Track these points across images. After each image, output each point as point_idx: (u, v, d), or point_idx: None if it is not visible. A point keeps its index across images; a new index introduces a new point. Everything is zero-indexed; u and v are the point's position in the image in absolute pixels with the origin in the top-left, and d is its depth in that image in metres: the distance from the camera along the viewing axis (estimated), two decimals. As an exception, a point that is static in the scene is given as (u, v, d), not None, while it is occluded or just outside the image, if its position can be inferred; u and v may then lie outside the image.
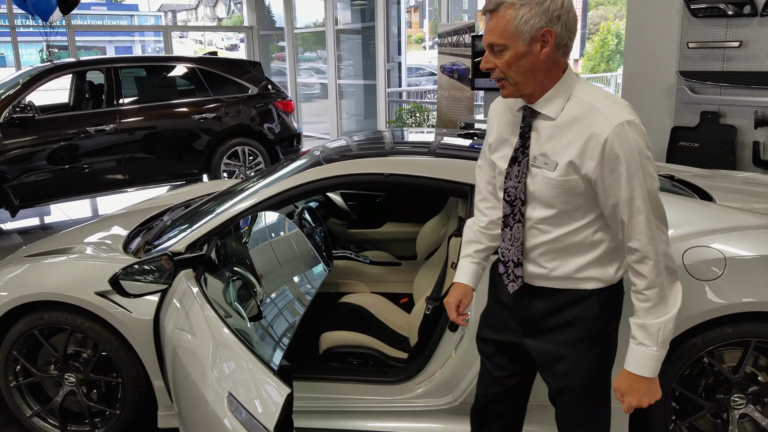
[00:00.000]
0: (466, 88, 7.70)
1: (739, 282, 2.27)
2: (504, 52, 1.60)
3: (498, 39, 1.59)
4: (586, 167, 1.59)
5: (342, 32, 11.85)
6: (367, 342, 2.92)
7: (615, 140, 1.55)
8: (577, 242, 1.71)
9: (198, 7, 34.85)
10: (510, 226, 1.77)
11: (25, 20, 10.70)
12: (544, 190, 1.67)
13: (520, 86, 1.64)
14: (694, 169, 3.81)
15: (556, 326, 1.78)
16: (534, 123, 1.68)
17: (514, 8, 1.56)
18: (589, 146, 1.58)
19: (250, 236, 2.68)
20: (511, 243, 1.78)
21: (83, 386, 2.82)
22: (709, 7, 4.92)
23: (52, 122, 6.48)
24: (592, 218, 1.69)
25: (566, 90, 1.64)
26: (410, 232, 4.12)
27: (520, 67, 1.60)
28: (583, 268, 1.72)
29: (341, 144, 3.33)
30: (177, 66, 7.66)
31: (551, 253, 1.73)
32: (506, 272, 1.81)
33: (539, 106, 1.66)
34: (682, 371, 2.36)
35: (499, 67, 1.62)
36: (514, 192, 1.73)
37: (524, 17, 1.55)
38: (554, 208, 1.68)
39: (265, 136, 7.62)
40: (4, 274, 2.88)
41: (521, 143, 1.70)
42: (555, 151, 1.64)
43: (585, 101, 1.62)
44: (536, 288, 1.79)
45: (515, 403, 2.04)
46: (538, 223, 1.72)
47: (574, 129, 1.61)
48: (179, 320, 2.40)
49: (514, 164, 1.72)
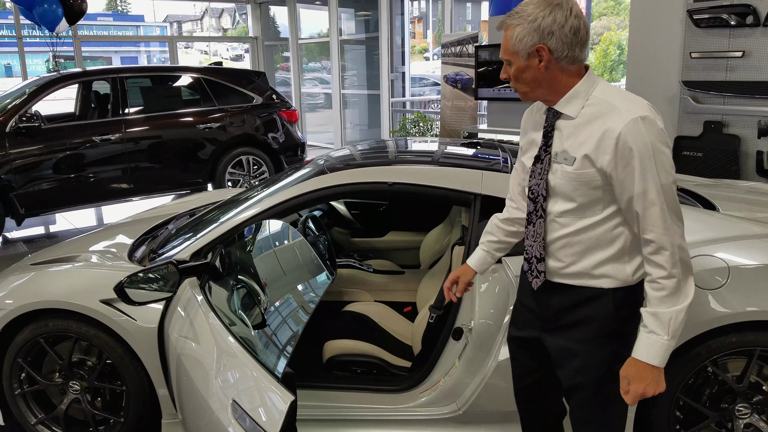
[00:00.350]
0: (469, 97, 7.73)
1: (743, 291, 2.27)
2: (510, 66, 1.77)
3: (503, 55, 1.78)
4: (601, 161, 1.67)
5: (346, 42, 11.92)
6: (370, 351, 2.92)
7: (628, 135, 1.62)
8: (596, 237, 1.77)
9: (203, 18, 35.06)
10: (533, 222, 1.86)
11: (31, 30, 10.79)
12: (564, 185, 1.76)
13: (529, 94, 1.80)
14: (698, 178, 3.81)
15: (570, 323, 1.85)
16: (556, 123, 1.80)
17: (511, 28, 1.73)
18: (603, 141, 1.66)
19: (254, 245, 2.69)
20: (533, 239, 1.87)
21: (87, 394, 2.82)
22: (711, 17, 4.93)
23: (58, 132, 6.53)
24: (611, 212, 1.75)
25: (586, 91, 1.75)
26: (414, 241, 4.13)
27: (524, 78, 1.76)
28: (600, 264, 1.78)
29: (345, 153, 3.35)
30: (182, 76, 7.71)
31: (570, 247, 1.80)
32: (530, 269, 1.90)
33: (560, 107, 1.78)
34: (686, 380, 2.35)
35: (510, 78, 1.79)
36: (536, 189, 1.83)
37: (518, 36, 1.71)
38: (574, 201, 1.76)
39: (270, 146, 7.66)
40: (9, 282, 2.89)
41: (544, 142, 1.82)
42: (574, 147, 1.73)
43: (603, 100, 1.72)
44: (554, 284, 1.86)
45: (545, 400, 2.10)
46: (558, 217, 1.80)
47: (591, 126, 1.70)
48: (183, 328, 2.40)
49: (538, 162, 1.83)
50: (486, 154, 3.16)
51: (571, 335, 1.84)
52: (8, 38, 11.18)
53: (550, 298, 1.88)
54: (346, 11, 12.07)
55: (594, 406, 1.87)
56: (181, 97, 7.54)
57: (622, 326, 1.80)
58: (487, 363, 2.44)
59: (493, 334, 2.43)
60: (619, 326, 1.80)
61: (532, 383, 2.07)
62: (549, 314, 1.90)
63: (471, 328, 2.45)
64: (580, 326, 1.83)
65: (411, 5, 12.48)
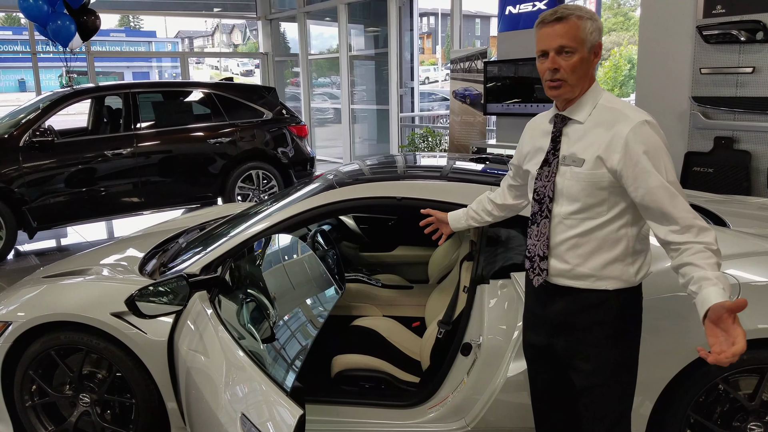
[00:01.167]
0: (478, 113, 7.75)
1: (754, 308, 2.24)
2: (573, 54, 1.81)
3: (571, 42, 1.80)
4: (611, 160, 1.77)
5: (355, 58, 12.00)
6: (379, 366, 2.92)
7: (636, 135, 1.74)
8: (602, 237, 1.84)
9: (214, 33, 35.40)
10: (537, 223, 1.93)
11: (45, 46, 10.93)
12: (572, 186, 1.84)
13: (575, 88, 1.85)
14: (708, 194, 3.79)
15: (578, 326, 1.91)
16: (564, 128, 1.89)
17: (583, 20, 1.80)
18: (613, 141, 1.77)
19: (263, 258, 2.70)
20: (537, 239, 1.93)
21: (97, 407, 2.83)
22: (721, 33, 4.94)
23: (70, 146, 6.60)
24: (617, 213, 1.83)
25: (594, 99, 1.86)
26: (422, 256, 4.13)
27: (580, 70, 1.83)
28: (607, 265, 1.84)
29: (354, 168, 3.36)
30: (193, 91, 7.79)
31: (577, 248, 1.86)
32: (532, 267, 1.96)
33: (570, 113, 1.88)
34: (697, 398, 2.33)
35: (564, 68, 1.81)
36: (542, 190, 1.91)
37: (590, 29, 1.81)
38: (579, 201, 1.83)
39: (279, 160, 7.70)
40: (21, 294, 2.91)
41: (553, 146, 1.90)
42: (582, 150, 1.83)
43: (609, 107, 1.84)
44: (560, 288, 1.92)
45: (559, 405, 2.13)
46: (565, 218, 1.87)
47: (600, 129, 1.81)
48: (193, 341, 2.41)
49: (545, 165, 1.91)
50: (494, 169, 3.17)
51: (580, 339, 1.91)
52: (23, 53, 11.31)
53: (555, 302, 1.94)
54: (355, 27, 12.16)
55: (608, 401, 1.94)
56: (192, 112, 7.60)
57: (627, 325, 1.90)
58: (496, 379, 2.43)
59: (502, 349, 2.43)
60: (625, 326, 1.89)
61: (548, 388, 2.13)
62: (555, 318, 1.95)
63: (480, 344, 2.45)
64: (587, 330, 1.90)
65: (420, 21, 12.56)
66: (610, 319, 1.88)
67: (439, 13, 23.19)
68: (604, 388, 1.92)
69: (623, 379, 1.93)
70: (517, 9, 6.97)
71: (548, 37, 1.82)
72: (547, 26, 1.82)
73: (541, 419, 2.21)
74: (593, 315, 1.88)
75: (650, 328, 2.02)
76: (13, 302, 2.86)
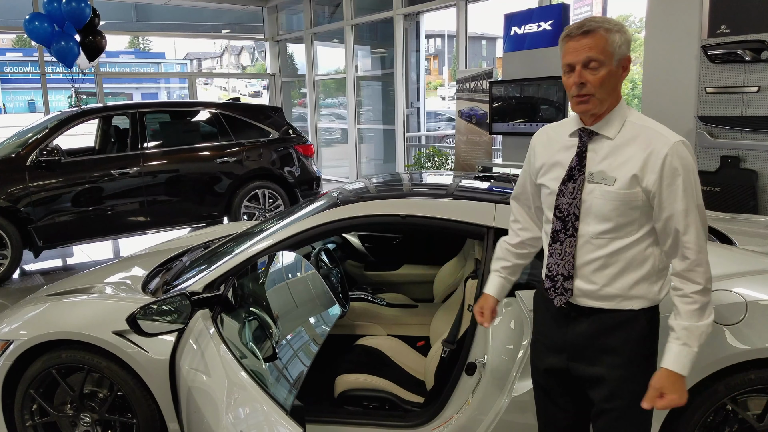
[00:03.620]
0: (484, 132, 7.77)
1: (762, 327, 2.22)
2: (600, 68, 1.75)
3: (599, 55, 1.75)
4: (647, 180, 1.74)
5: (362, 79, 12.07)
6: (382, 385, 2.89)
7: (674, 156, 1.71)
8: (630, 257, 1.81)
9: (223, 55, 35.76)
10: (560, 241, 1.87)
11: (55, 67, 11.06)
12: (602, 204, 1.79)
13: (603, 102, 1.80)
14: (715, 213, 3.77)
15: (602, 349, 1.85)
16: (590, 144, 1.84)
17: (611, 33, 1.75)
18: (650, 161, 1.73)
19: (267, 277, 2.69)
20: (561, 257, 1.88)
21: (98, 426, 2.81)
22: (726, 52, 4.95)
23: (77, 165, 6.62)
24: (645, 232, 1.81)
25: (622, 115, 1.82)
26: (427, 275, 4.11)
27: (608, 84, 1.77)
28: (634, 285, 1.82)
29: (359, 186, 3.36)
30: (200, 111, 7.83)
31: (605, 269, 1.82)
32: (553, 286, 1.90)
33: (598, 128, 1.83)
34: (705, 418, 2.29)
35: (591, 82, 1.76)
36: (567, 208, 1.85)
37: (618, 42, 1.75)
38: (611, 221, 1.79)
39: (285, 180, 7.72)
40: (24, 312, 2.91)
41: (578, 162, 1.84)
42: (613, 168, 1.78)
43: (639, 124, 1.80)
44: (584, 309, 1.87)
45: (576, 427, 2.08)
46: (594, 238, 1.82)
47: (632, 147, 1.77)
48: (195, 360, 2.39)
49: (569, 182, 1.85)
50: (500, 187, 3.16)
51: (605, 361, 1.85)
52: (32, 74, 11.45)
53: (578, 324, 1.89)
54: (362, 48, 12.26)
55: (627, 424, 1.88)
56: (199, 132, 7.64)
57: (651, 346, 1.86)
58: (501, 399, 2.40)
59: (508, 369, 2.40)
60: (650, 346, 1.86)
61: (560, 419, 2.05)
62: (578, 341, 1.89)
63: (485, 363, 2.42)
64: (613, 351, 1.84)
65: (426, 43, 12.65)
66: (637, 339, 1.83)
67: (446, 35, 23.36)
68: (626, 412, 1.86)
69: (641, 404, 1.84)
70: (522, 30, 7.00)
71: (575, 51, 1.77)
72: (574, 40, 1.77)
73: None
74: (619, 336, 1.83)
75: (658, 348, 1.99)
76: (15, 320, 2.85)
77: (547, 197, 1.94)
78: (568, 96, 1.85)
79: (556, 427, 2.08)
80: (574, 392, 1.99)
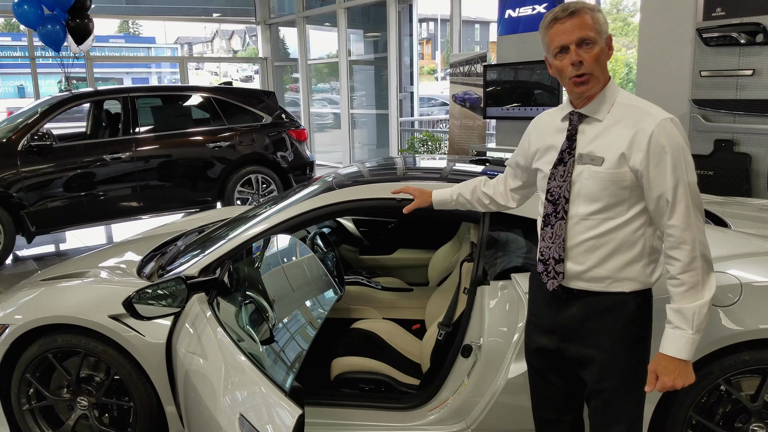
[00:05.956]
0: (477, 116, 7.76)
1: (756, 308, 2.24)
2: (594, 46, 1.77)
3: (590, 33, 1.76)
4: (634, 159, 1.73)
5: (355, 63, 12.01)
6: (378, 368, 2.90)
7: (660, 134, 1.71)
8: (621, 238, 1.81)
9: (214, 39, 35.43)
10: (551, 224, 1.88)
11: (44, 52, 10.94)
12: (591, 185, 1.79)
13: (600, 80, 1.80)
14: (709, 196, 3.79)
15: (593, 331, 1.87)
16: (580, 126, 1.85)
17: (595, 12, 1.79)
18: (636, 139, 1.73)
19: (262, 261, 2.69)
20: (552, 241, 1.88)
21: (95, 410, 2.81)
22: (721, 36, 4.94)
23: (69, 150, 6.58)
24: (636, 213, 1.80)
25: (611, 96, 1.83)
26: (422, 259, 4.12)
27: (602, 61, 1.79)
28: (625, 267, 1.82)
29: (353, 170, 3.35)
30: (192, 95, 7.78)
31: (595, 250, 1.82)
32: (545, 270, 1.91)
33: (588, 111, 1.83)
34: (699, 399, 2.32)
35: (586, 61, 1.77)
36: (557, 191, 1.86)
37: (602, 20, 1.79)
38: (600, 201, 1.79)
39: (279, 165, 7.70)
40: (19, 297, 2.90)
41: (568, 144, 1.85)
42: (601, 148, 1.79)
43: (628, 104, 1.80)
44: (574, 291, 1.88)
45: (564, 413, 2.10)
46: (583, 219, 1.82)
47: (620, 127, 1.77)
48: (191, 344, 2.39)
49: (560, 165, 1.86)
50: (494, 170, 3.15)
51: (595, 343, 1.87)
52: (21, 59, 11.33)
53: (569, 307, 1.90)
54: (355, 32, 12.18)
55: (616, 405, 1.90)
56: (191, 117, 7.60)
57: (642, 329, 1.87)
58: (496, 381, 2.41)
59: (503, 351, 2.41)
60: (639, 329, 1.86)
61: (553, 398, 2.08)
62: (569, 323, 1.91)
63: (480, 346, 2.43)
64: (603, 333, 1.86)
65: (420, 27, 12.58)
66: (626, 322, 1.84)
67: (439, 19, 23.22)
68: (616, 392, 1.88)
69: (637, 383, 1.87)
70: (517, 12, 6.98)
71: (566, 32, 1.77)
72: (561, 22, 1.78)
73: (544, 429, 2.17)
74: (609, 318, 1.84)
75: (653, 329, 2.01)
76: (10, 305, 2.84)
77: (541, 181, 1.95)
78: (562, 80, 1.84)
79: (548, 405, 2.11)
80: (565, 372, 2.01)
